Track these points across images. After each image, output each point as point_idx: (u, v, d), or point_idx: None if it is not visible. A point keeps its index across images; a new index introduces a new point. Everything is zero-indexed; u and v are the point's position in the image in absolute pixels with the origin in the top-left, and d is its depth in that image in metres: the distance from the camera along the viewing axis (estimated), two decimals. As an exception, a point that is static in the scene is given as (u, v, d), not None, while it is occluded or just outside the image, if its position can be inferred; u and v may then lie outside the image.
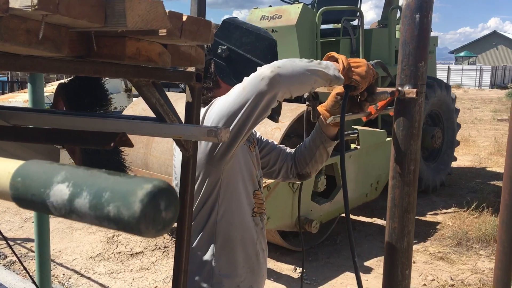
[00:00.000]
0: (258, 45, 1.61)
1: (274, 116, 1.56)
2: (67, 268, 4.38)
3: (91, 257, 4.61)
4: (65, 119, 1.04)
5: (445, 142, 6.87)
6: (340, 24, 6.06)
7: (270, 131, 3.94)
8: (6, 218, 5.65)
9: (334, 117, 1.60)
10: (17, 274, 4.22)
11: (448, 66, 39.14)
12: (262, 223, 1.66)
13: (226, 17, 1.71)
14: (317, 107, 1.68)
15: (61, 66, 0.88)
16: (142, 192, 0.33)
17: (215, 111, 1.39)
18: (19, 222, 5.54)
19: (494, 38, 54.60)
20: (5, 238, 1.91)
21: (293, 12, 5.53)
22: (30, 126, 1.16)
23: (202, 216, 1.52)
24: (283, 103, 1.59)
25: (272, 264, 4.40)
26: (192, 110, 1.16)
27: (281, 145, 1.87)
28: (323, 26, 6.11)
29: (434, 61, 7.59)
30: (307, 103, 1.69)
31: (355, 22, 6.33)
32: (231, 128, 1.34)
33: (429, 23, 1.65)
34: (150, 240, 4.91)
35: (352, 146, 4.84)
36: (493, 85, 37.01)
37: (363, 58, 1.79)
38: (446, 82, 7.28)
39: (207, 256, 1.52)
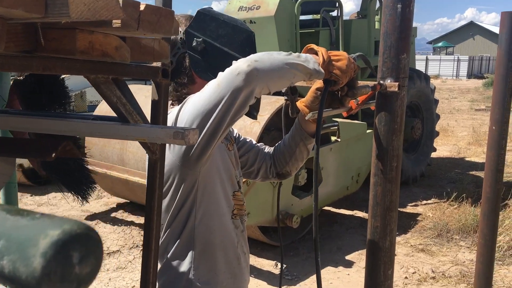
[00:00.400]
0: (235, 38, 1.51)
1: (253, 112, 1.46)
2: (42, 268, 4.24)
3: (67, 256, 4.47)
4: (15, 120, 0.94)
5: (424, 133, 6.88)
6: (319, 15, 5.98)
7: (249, 125, 3.85)
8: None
9: (313, 113, 1.52)
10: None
11: (426, 57, 39.51)
12: (242, 226, 1.57)
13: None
14: (296, 103, 1.59)
15: (4, 63, 0.78)
16: (46, 242, 0.24)
17: (188, 110, 1.29)
18: None
19: (471, 29, 55.32)
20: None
21: (271, 3, 5.43)
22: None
23: (179, 222, 1.43)
24: (262, 97, 1.50)
25: (253, 260, 4.33)
26: (159, 109, 1.06)
27: (259, 144, 1.79)
28: (302, 17, 6.03)
29: (413, 52, 7.58)
30: (285, 97, 1.61)
31: (334, 13, 6.26)
32: (206, 127, 1.25)
33: (411, 13, 1.58)
34: (127, 238, 4.80)
35: (333, 138, 4.78)
36: (470, 75, 37.50)
37: (343, 51, 1.70)
38: (424, 72, 7.29)
39: (185, 265, 1.43)
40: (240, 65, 1.23)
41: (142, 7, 0.74)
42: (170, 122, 1.31)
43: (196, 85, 1.47)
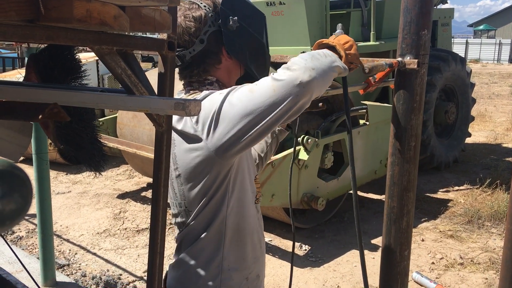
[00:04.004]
0: (256, 19, 1.50)
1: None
2: (74, 244, 4.39)
3: (98, 233, 4.61)
4: (27, 91, 0.96)
5: (459, 117, 6.68)
6: (351, -4, 5.86)
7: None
8: (15, 194, 5.69)
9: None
10: (23, 249, 4.24)
11: (466, 40, 38.17)
12: (259, 209, 1.57)
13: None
14: None
15: (6, 31, 0.80)
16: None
17: (233, 106, 1.23)
18: (28, 198, 5.57)
19: (515, 11, 52.92)
20: None
21: (301, -17, 5.34)
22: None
23: (209, 212, 1.39)
24: None
25: (278, 241, 4.36)
26: (165, 82, 1.07)
27: None
28: (333, -2, 5.92)
29: (450, 34, 7.33)
30: None
31: (367, -6, 6.11)
32: (256, 128, 1.21)
33: (432, -13, 1.52)
34: (156, 217, 4.90)
35: (361, 122, 4.71)
36: (512, 60, 36.04)
37: (374, 32, 1.63)
38: (463, 56, 7.05)
39: (214, 253, 1.41)
40: (300, 75, 1.19)
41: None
42: (208, 111, 1.26)
43: (221, 65, 1.44)
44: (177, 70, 1.44)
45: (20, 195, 0.25)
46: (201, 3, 1.40)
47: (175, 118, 1.34)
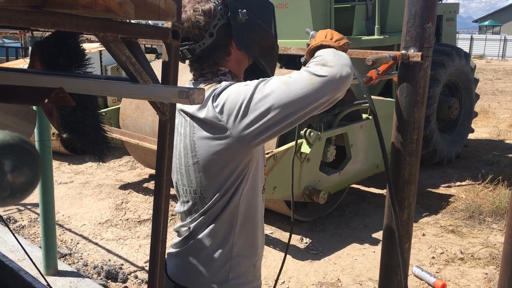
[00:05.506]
0: (264, 10, 1.50)
1: None
2: (76, 233, 4.41)
3: (100, 223, 4.64)
4: (31, 78, 0.97)
5: (462, 113, 6.67)
6: (356, -11, 5.84)
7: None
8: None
9: None
10: (25, 238, 4.27)
11: (471, 36, 37.98)
12: (264, 199, 1.58)
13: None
14: None
15: (12, 17, 0.80)
16: (-23, 149, 0.25)
17: (267, 97, 1.25)
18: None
19: (521, 7, 52.59)
20: None
21: (306, -24, 5.32)
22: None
23: (224, 200, 1.40)
24: None
25: (279, 234, 4.38)
26: (169, 71, 1.07)
27: None
28: (338, -9, 5.90)
29: (454, 29, 7.30)
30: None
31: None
32: (289, 118, 1.25)
33: (437, -21, 1.52)
34: (157, 208, 4.92)
35: (364, 116, 4.71)
36: (517, 56, 35.83)
37: (378, 26, 1.65)
38: (468, 52, 7.02)
39: (225, 238, 1.42)
40: (339, 71, 1.28)
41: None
42: (235, 101, 1.27)
43: (231, 57, 1.45)
44: (187, 62, 1.45)
45: (30, 169, 0.26)
46: None
47: (195, 106, 1.34)
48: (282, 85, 1.26)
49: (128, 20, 0.89)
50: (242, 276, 1.46)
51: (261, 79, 1.31)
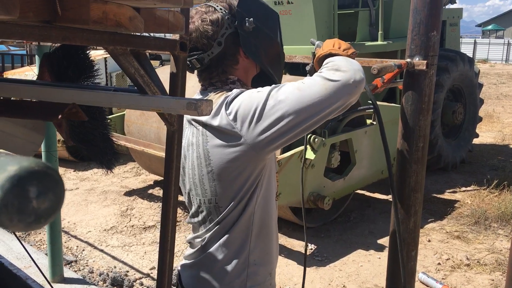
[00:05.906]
0: (269, 18, 1.51)
1: None
2: (81, 240, 4.42)
3: (105, 230, 4.65)
4: (40, 90, 0.98)
5: (466, 118, 6.66)
6: (359, -5, 5.85)
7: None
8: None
9: None
10: (31, 245, 4.28)
11: (475, 40, 37.93)
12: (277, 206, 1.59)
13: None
14: None
15: (24, 32, 0.82)
16: (3, 176, 0.26)
17: (281, 103, 1.25)
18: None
19: (524, 11, 52.49)
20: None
21: (310, -18, 5.34)
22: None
23: (239, 209, 1.39)
24: None
25: (284, 240, 4.37)
26: (177, 82, 1.09)
27: None
28: (341, -3, 5.91)
29: (458, 34, 7.30)
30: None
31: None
32: (303, 125, 1.25)
33: (441, -11, 1.53)
34: (162, 214, 4.92)
35: (368, 121, 4.71)
36: (521, 60, 35.75)
37: (382, 32, 1.67)
38: (471, 56, 7.02)
39: (242, 247, 1.42)
40: (352, 76, 1.29)
41: (152, -23, 0.76)
42: (248, 108, 1.28)
43: (239, 65, 1.45)
44: (196, 72, 1.46)
45: (54, 194, 0.27)
46: (217, 6, 1.41)
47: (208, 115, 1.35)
48: (296, 91, 1.26)
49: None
50: (260, 284, 1.45)
51: (273, 85, 1.31)
